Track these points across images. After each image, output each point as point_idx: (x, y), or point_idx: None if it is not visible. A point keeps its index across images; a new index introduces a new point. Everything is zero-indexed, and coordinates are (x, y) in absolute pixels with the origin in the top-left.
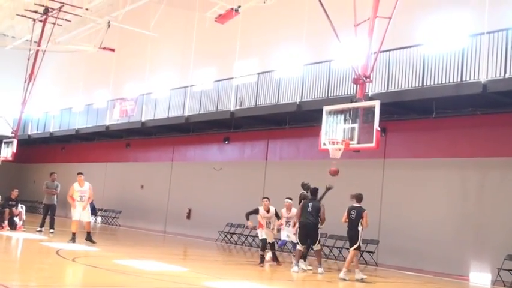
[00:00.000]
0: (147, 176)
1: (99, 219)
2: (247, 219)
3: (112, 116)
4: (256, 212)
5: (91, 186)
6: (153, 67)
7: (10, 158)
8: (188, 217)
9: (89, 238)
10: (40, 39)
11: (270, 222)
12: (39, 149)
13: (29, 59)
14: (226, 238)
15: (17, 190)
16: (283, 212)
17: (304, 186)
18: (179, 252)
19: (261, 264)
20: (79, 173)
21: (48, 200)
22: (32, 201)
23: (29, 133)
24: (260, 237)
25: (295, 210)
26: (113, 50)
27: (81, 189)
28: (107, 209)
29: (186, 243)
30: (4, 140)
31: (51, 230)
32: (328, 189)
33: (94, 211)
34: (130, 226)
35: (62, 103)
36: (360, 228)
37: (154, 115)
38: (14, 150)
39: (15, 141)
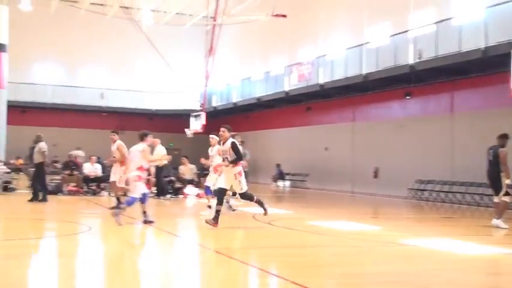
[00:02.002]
0: (330, 138)
1: (287, 183)
2: None
3: (290, 81)
4: None
5: (120, 145)
6: (326, 29)
7: (200, 130)
8: (375, 176)
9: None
10: (215, 13)
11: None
12: (225, 119)
13: (207, 34)
14: (416, 195)
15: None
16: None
17: None
18: (370, 211)
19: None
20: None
21: None
22: None
23: (214, 105)
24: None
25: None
26: (284, 16)
27: (112, 149)
28: (295, 173)
29: (375, 202)
30: (192, 114)
31: None
32: None
33: (281, 175)
34: (319, 188)
35: (241, 73)
36: None
37: (332, 76)
38: (204, 122)
39: (203, 114)
